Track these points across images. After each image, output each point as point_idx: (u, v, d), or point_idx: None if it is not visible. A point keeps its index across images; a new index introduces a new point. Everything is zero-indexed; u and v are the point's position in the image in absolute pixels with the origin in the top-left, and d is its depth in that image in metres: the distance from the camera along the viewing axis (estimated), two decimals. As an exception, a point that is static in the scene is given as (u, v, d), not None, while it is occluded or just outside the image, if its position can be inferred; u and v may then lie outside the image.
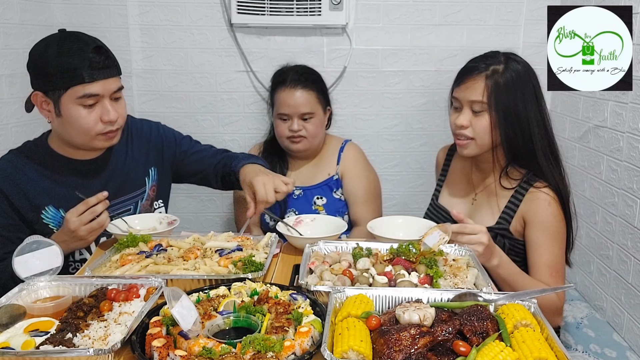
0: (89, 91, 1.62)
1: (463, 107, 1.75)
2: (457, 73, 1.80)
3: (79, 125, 1.65)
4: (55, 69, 1.59)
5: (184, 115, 2.71)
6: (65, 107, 1.63)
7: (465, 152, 1.79)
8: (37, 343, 1.05)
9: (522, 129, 1.70)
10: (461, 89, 1.75)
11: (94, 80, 1.61)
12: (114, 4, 2.56)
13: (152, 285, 1.27)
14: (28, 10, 2.33)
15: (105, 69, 1.64)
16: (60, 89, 1.61)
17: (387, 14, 2.62)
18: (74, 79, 1.60)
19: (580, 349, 2.02)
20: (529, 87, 1.71)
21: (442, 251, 1.46)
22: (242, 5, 2.49)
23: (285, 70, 2.25)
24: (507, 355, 0.95)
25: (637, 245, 1.99)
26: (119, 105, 1.72)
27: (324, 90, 2.27)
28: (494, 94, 1.69)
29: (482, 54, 1.79)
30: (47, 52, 1.61)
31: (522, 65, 1.74)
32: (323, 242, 1.54)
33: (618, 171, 2.12)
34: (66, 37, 1.65)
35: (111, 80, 1.66)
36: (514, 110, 1.69)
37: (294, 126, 2.17)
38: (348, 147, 2.34)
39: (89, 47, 1.62)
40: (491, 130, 1.71)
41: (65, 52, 1.60)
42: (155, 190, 1.94)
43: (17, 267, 1.27)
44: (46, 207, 1.72)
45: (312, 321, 1.09)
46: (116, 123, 1.70)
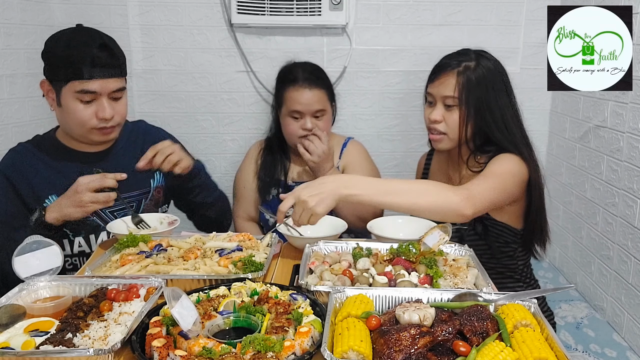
0: (86, 87, 1.65)
1: (436, 102, 1.80)
2: (431, 69, 1.84)
3: (75, 117, 1.70)
4: (60, 60, 1.64)
5: (184, 116, 2.71)
6: (64, 98, 1.68)
7: (439, 146, 1.83)
8: (37, 343, 1.05)
9: (496, 121, 1.73)
10: (435, 84, 1.80)
11: (93, 77, 1.64)
12: (114, 4, 2.56)
13: (152, 285, 1.27)
14: (28, 10, 2.34)
15: (106, 67, 1.66)
16: (61, 80, 1.66)
17: (387, 14, 2.62)
18: (73, 73, 1.63)
19: (580, 349, 2.02)
20: (499, 82, 1.76)
21: (442, 251, 1.46)
22: (242, 5, 2.49)
23: (293, 68, 2.24)
24: (507, 355, 0.95)
25: (638, 246, 1.99)
26: (117, 104, 1.73)
27: (330, 87, 2.28)
28: (465, 90, 1.73)
29: (454, 52, 1.83)
30: (57, 42, 1.66)
31: (493, 62, 1.78)
32: (323, 242, 1.54)
33: (618, 171, 2.12)
34: (78, 31, 1.70)
35: (111, 80, 1.68)
36: (486, 105, 1.73)
37: (307, 125, 2.16)
38: (352, 144, 2.36)
39: (95, 43, 1.65)
40: (460, 124, 1.75)
41: (72, 45, 1.64)
42: (161, 192, 1.94)
43: (17, 267, 1.27)
44: (49, 196, 1.75)
45: (312, 321, 1.09)
46: (112, 121, 1.72)
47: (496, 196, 1.61)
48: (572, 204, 2.53)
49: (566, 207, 2.59)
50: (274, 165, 2.29)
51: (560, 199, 2.64)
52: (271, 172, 2.28)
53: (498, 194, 1.61)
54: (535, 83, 2.62)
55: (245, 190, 2.34)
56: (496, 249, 1.79)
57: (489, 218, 1.76)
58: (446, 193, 1.51)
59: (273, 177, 2.28)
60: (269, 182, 2.28)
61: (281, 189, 2.26)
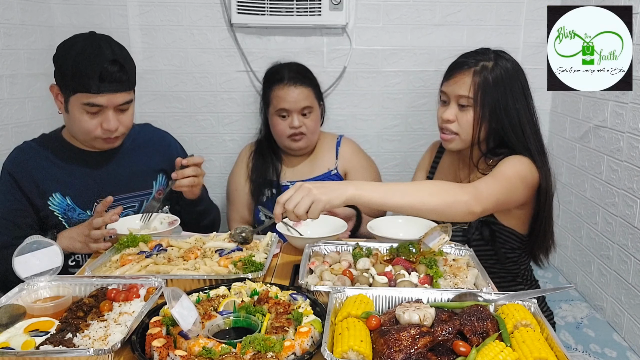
0: (93, 101, 1.66)
1: (450, 102, 1.76)
2: (447, 67, 1.80)
3: (80, 126, 1.72)
4: (70, 70, 1.64)
5: (184, 115, 2.71)
6: (71, 106, 1.69)
7: (450, 146, 1.80)
8: (37, 343, 1.05)
9: (513, 124, 1.70)
10: (449, 83, 1.76)
11: (101, 92, 1.65)
12: (114, 5, 2.56)
13: (152, 285, 1.27)
14: (28, 11, 2.33)
15: (115, 82, 1.66)
16: (70, 90, 1.67)
17: (387, 14, 2.62)
18: (82, 86, 1.64)
19: (580, 349, 2.02)
20: (517, 85, 1.72)
21: (442, 251, 1.46)
22: (242, 5, 2.49)
23: (279, 68, 2.27)
24: (507, 355, 0.95)
25: (638, 246, 1.99)
26: (123, 115, 1.75)
27: (317, 86, 2.30)
28: (481, 90, 1.69)
29: (473, 50, 1.79)
30: (69, 51, 1.66)
31: (511, 63, 1.75)
32: (323, 242, 1.54)
33: (618, 171, 2.12)
34: (91, 41, 1.68)
35: (119, 95, 1.69)
36: (503, 107, 1.69)
37: (295, 122, 2.17)
38: (345, 142, 2.38)
39: (106, 57, 1.64)
40: (474, 125, 1.71)
41: (83, 57, 1.63)
42: (162, 194, 1.94)
43: (17, 267, 1.27)
44: (53, 194, 1.76)
45: (312, 321, 1.09)
46: (116, 132, 1.74)
47: (503, 196, 1.58)
48: (572, 204, 2.53)
49: (566, 207, 2.59)
50: (265, 167, 2.30)
51: (560, 199, 2.64)
52: (263, 174, 2.30)
53: (505, 194, 1.59)
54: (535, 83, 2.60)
55: (238, 193, 2.36)
56: (502, 255, 1.76)
57: (496, 223, 1.73)
58: (455, 191, 1.50)
59: (265, 178, 2.29)
60: (261, 184, 2.29)
61: (274, 189, 2.27)
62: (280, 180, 2.30)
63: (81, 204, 1.80)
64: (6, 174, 1.77)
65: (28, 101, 2.33)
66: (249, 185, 2.33)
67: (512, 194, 1.62)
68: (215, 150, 2.77)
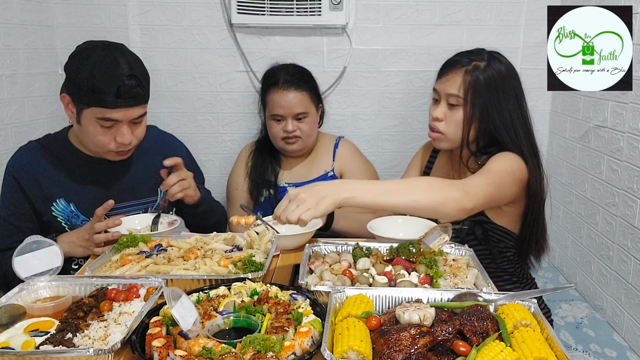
0: (109, 116, 1.63)
1: (441, 100, 1.76)
2: (441, 65, 1.80)
3: (93, 139, 1.69)
4: (85, 84, 1.58)
5: (183, 115, 2.71)
6: (84, 119, 1.66)
7: (438, 145, 1.80)
8: (37, 343, 1.05)
9: (505, 126, 1.69)
10: (441, 81, 1.76)
11: (117, 107, 1.61)
12: (113, 4, 2.56)
13: (152, 285, 1.27)
14: (28, 10, 2.33)
15: (131, 98, 1.63)
16: (84, 103, 1.62)
17: (387, 14, 2.62)
18: (98, 101, 1.60)
19: (580, 349, 2.02)
20: (509, 86, 1.71)
21: (442, 251, 1.46)
22: (242, 5, 2.49)
23: (276, 71, 2.26)
24: (507, 355, 0.95)
25: (638, 246, 1.99)
26: (137, 127, 1.73)
27: (315, 88, 2.29)
28: (472, 90, 1.68)
29: (467, 50, 1.79)
30: (84, 64, 1.60)
31: (505, 65, 1.74)
32: (323, 242, 1.54)
33: (618, 171, 2.12)
34: (107, 53, 1.61)
35: (135, 109, 1.66)
36: (495, 107, 1.69)
37: (289, 127, 2.18)
38: (343, 144, 2.37)
39: (123, 73, 1.59)
40: (463, 125, 1.71)
41: (99, 71, 1.58)
42: (167, 202, 1.94)
43: (17, 267, 1.27)
44: (57, 199, 1.75)
45: (312, 321, 1.09)
46: (129, 144, 1.72)
47: (492, 191, 1.58)
48: (572, 204, 2.53)
49: (566, 207, 2.59)
50: (264, 167, 2.31)
51: (560, 199, 2.64)
52: (262, 174, 2.30)
53: (495, 189, 1.59)
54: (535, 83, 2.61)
55: (237, 192, 2.36)
56: (496, 253, 1.77)
57: (489, 222, 1.74)
58: (445, 188, 1.49)
59: (264, 178, 2.29)
60: (260, 184, 2.29)
61: (272, 190, 2.27)
62: (278, 181, 2.30)
63: (85, 211, 1.77)
64: (10, 176, 1.74)
65: (28, 101, 2.33)
66: (248, 184, 2.33)
67: (501, 189, 1.62)
68: (215, 150, 2.77)
